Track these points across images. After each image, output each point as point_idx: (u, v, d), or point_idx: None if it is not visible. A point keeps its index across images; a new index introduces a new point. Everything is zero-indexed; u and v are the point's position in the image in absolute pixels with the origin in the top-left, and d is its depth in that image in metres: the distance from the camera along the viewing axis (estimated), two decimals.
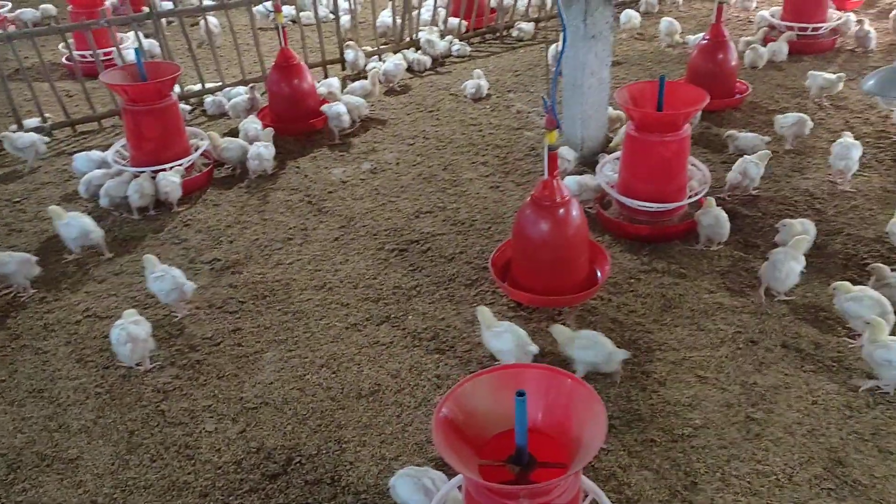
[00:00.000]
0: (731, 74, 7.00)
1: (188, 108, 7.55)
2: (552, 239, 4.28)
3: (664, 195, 5.07)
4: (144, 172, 5.85)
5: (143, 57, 6.07)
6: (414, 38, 8.84)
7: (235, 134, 6.72)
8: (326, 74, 8.32)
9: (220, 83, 7.87)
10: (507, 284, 4.53)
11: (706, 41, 6.89)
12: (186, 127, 6.36)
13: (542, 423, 2.74)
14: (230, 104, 7.21)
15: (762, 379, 3.95)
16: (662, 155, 4.97)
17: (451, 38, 8.92)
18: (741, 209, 5.44)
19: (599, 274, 4.55)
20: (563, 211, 4.25)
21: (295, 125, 6.82)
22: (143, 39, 8.22)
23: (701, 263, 4.92)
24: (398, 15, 8.76)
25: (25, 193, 6.23)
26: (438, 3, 9.60)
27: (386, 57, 8.47)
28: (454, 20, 9.13)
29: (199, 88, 7.77)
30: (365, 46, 8.58)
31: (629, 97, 5.08)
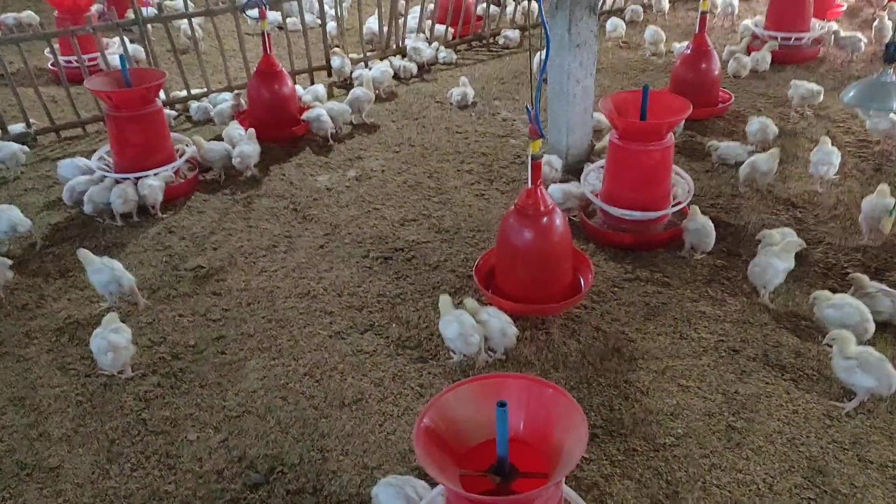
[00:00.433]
0: (714, 84, 7.06)
1: (174, 114, 7.54)
2: (536, 247, 4.29)
3: (648, 204, 5.10)
4: (127, 179, 5.82)
5: (128, 63, 6.05)
6: (400, 45, 8.86)
7: (220, 140, 6.71)
8: (313, 81, 8.33)
9: (205, 89, 7.84)
10: (491, 292, 4.54)
11: (690, 51, 6.94)
12: (171, 133, 6.34)
13: (523, 432, 2.75)
14: (215, 110, 7.20)
15: (743, 388, 3.97)
16: (646, 164, 5.00)
17: (437, 45, 8.95)
18: (724, 217, 5.49)
19: (583, 282, 4.57)
20: (546, 220, 4.27)
21: (275, 132, 6.81)
22: (128, 45, 8.19)
23: (684, 272, 4.95)
24: (385, 22, 8.78)
25: (9, 200, 6.17)
26: (425, 10, 9.62)
27: (372, 64, 8.48)
28: (440, 27, 9.17)
29: (184, 94, 7.75)
30: (351, 53, 8.58)
31: (613, 106, 5.11)
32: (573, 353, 4.30)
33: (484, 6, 9.42)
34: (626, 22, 9.51)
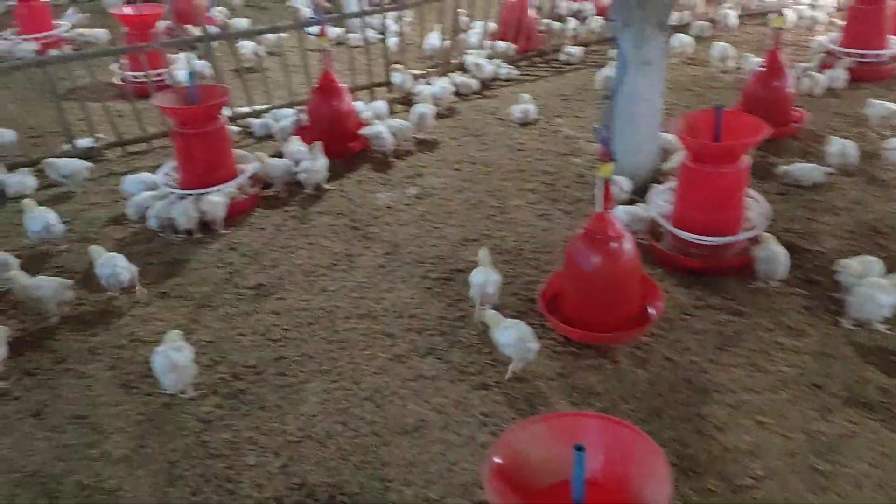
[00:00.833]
0: (787, 102, 6.80)
1: (236, 129, 7.59)
2: (604, 274, 4.14)
3: (720, 228, 4.90)
4: (190, 195, 5.86)
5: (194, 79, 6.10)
6: (461, 60, 8.79)
7: (281, 156, 6.72)
8: (374, 97, 8.31)
9: (268, 105, 7.89)
10: (556, 318, 4.40)
11: (762, 68, 6.70)
12: (234, 149, 6.37)
13: (599, 474, 2.61)
14: (278, 127, 7.22)
15: (827, 426, 3.75)
16: (719, 187, 4.81)
17: (498, 61, 8.85)
18: (799, 243, 5.24)
19: (652, 310, 4.39)
20: (616, 245, 4.12)
21: (334, 147, 6.76)
22: (194, 61, 8.32)
23: (758, 300, 4.73)
24: (446, 37, 8.71)
25: (75, 214, 6.29)
26: (487, 26, 9.54)
27: (433, 80, 8.43)
28: (502, 43, 9.06)
29: (248, 110, 7.80)
30: (412, 69, 8.54)
31: (685, 126, 4.93)
32: (642, 382, 4.13)
33: (547, 22, 9.29)
34: (693, 37, 9.26)
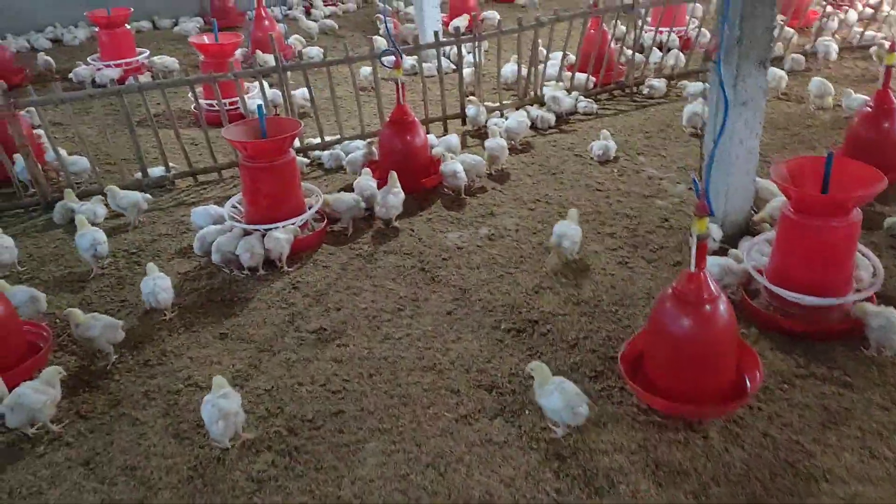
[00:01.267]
0: None
1: (306, 161, 7.46)
2: (695, 339, 3.73)
3: (825, 288, 4.42)
4: (256, 231, 5.69)
5: (266, 108, 5.96)
6: (538, 93, 8.47)
7: (350, 191, 6.53)
8: (446, 129, 8.08)
9: (338, 136, 7.74)
10: (638, 384, 3.99)
11: (869, 108, 6.16)
12: (302, 183, 6.20)
13: None
14: (347, 159, 7.05)
15: None
16: (826, 242, 4.34)
17: (577, 94, 8.50)
18: None
19: (748, 381, 3.94)
20: (710, 308, 3.70)
21: (405, 183, 6.49)
22: (267, 90, 8.27)
23: (870, 371, 4.22)
24: (524, 68, 8.40)
25: (143, 245, 6.21)
26: (566, 57, 9.21)
27: (508, 113, 8.14)
28: (581, 75, 8.71)
29: (318, 142, 7.67)
30: (486, 101, 8.27)
31: (788, 173, 4.48)
32: (737, 463, 3.68)
33: (628, 53, 8.90)
34: (786, 71, 8.71)
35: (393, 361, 4.62)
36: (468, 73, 8.47)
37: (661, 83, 8.73)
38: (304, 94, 8.11)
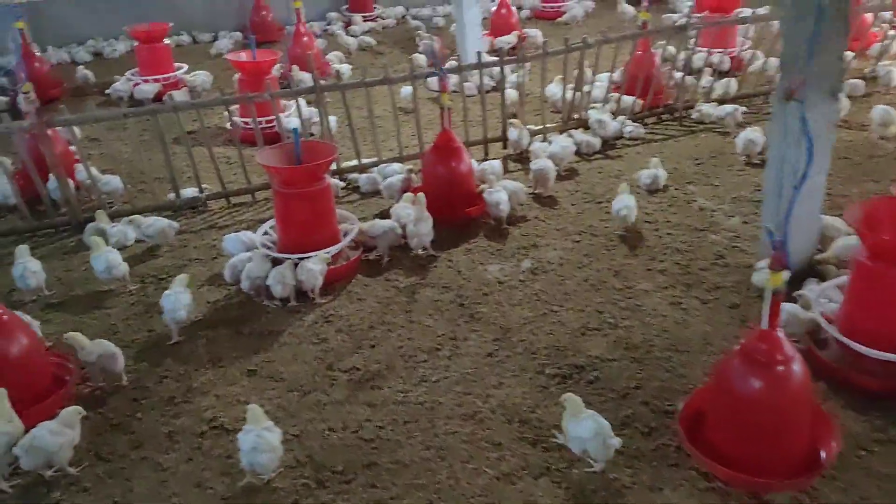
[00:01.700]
0: None
1: (341, 183, 7.23)
2: (766, 403, 3.39)
3: None
4: (288, 260, 5.46)
5: (301, 128, 5.73)
6: (583, 116, 8.15)
7: (387, 216, 6.28)
8: (487, 153, 7.80)
9: (375, 158, 7.51)
10: (699, 448, 3.64)
11: None
12: (337, 209, 5.95)
13: None
14: (385, 184, 6.78)
15: None
16: None
17: (623, 117, 8.16)
18: None
19: (823, 452, 3.57)
20: (783, 370, 3.35)
21: (448, 212, 6.22)
22: (304, 107, 8.11)
23: None
24: (570, 89, 8.07)
25: (172, 270, 6.01)
26: (608, 77, 8.87)
27: (551, 137, 7.84)
28: (627, 98, 8.36)
29: (354, 164, 7.44)
30: (529, 125, 7.97)
31: (863, 216, 4.12)
32: None
33: (678, 76, 8.53)
34: (845, 97, 8.26)
35: (430, 408, 4.34)
36: (511, 94, 8.18)
37: (711, 108, 8.30)
38: (333, 121, 7.90)
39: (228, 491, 3.81)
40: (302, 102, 8.12)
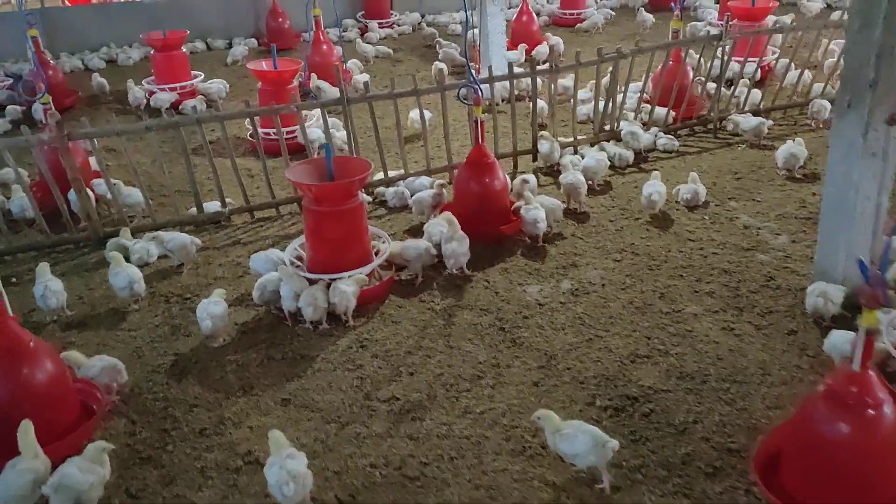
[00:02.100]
0: None
1: (368, 199, 7.01)
2: (855, 450, 3.13)
3: None
4: (320, 280, 5.24)
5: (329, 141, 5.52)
6: (615, 128, 7.91)
7: (417, 233, 6.05)
8: (516, 166, 7.57)
9: (402, 171, 7.29)
10: (775, 494, 3.39)
11: None
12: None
13: None
14: (414, 199, 6.55)
15: None
16: None
17: (655, 129, 7.92)
18: None
19: None
20: (874, 414, 3.11)
21: (482, 229, 5.97)
22: (328, 119, 7.92)
23: None
24: (601, 99, 7.84)
25: (197, 289, 5.79)
26: (638, 88, 8.64)
27: (582, 149, 7.61)
28: (661, 109, 8.12)
29: (381, 177, 7.22)
30: (559, 137, 7.74)
31: None
32: None
33: (713, 86, 8.29)
34: None
35: (476, 442, 4.10)
36: (542, 105, 7.95)
37: (746, 119, 8.03)
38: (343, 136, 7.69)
39: None
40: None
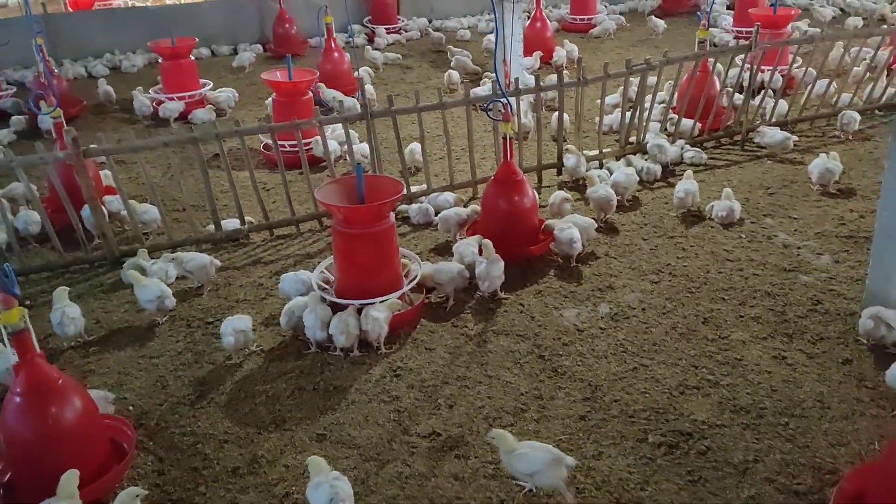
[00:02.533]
0: None
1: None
2: None
3: None
4: (350, 306, 5.03)
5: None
6: (641, 140, 7.72)
7: (444, 251, 5.84)
8: (541, 181, 7.38)
9: (424, 186, 7.09)
10: None
11: None
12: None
13: None
14: (440, 216, 6.35)
15: None
16: None
17: (682, 142, 7.74)
18: None
19: None
20: None
21: (511, 250, 5.73)
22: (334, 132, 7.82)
23: None
24: (627, 111, 7.64)
25: (219, 312, 5.57)
26: (661, 98, 8.44)
27: (608, 163, 7.42)
28: (687, 121, 7.93)
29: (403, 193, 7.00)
30: (585, 150, 7.55)
31: None
32: None
33: (739, 97, 8.10)
34: None
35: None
36: (567, 118, 7.76)
37: (775, 132, 7.84)
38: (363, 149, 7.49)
39: None
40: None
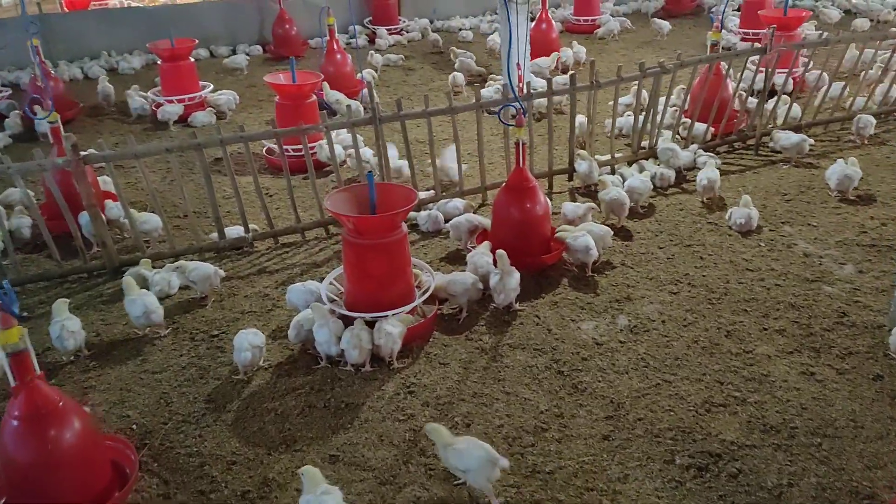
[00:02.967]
0: None
1: None
2: None
3: None
4: (360, 320, 4.85)
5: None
6: (653, 144, 7.55)
7: (455, 260, 5.66)
8: (552, 186, 7.21)
9: (432, 192, 6.91)
10: None
11: None
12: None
13: None
14: (451, 224, 6.17)
15: None
16: None
17: (695, 146, 7.57)
18: None
19: None
20: None
21: (523, 259, 5.55)
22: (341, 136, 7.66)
23: None
24: (639, 115, 7.47)
25: (224, 324, 5.39)
26: (671, 102, 8.27)
27: (619, 168, 7.26)
28: (700, 125, 7.77)
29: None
30: (597, 155, 7.38)
31: None
32: None
33: (753, 100, 7.94)
34: None
35: None
36: (580, 122, 7.58)
37: (790, 136, 7.66)
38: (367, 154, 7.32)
39: None
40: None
